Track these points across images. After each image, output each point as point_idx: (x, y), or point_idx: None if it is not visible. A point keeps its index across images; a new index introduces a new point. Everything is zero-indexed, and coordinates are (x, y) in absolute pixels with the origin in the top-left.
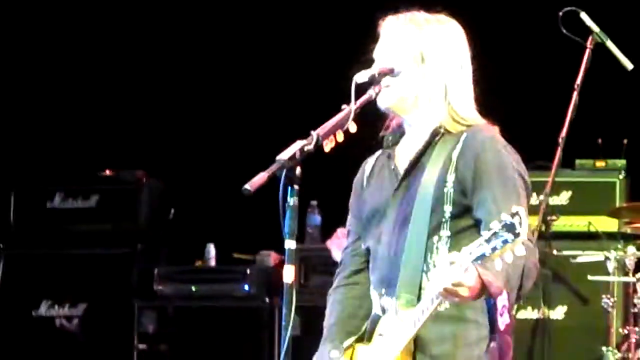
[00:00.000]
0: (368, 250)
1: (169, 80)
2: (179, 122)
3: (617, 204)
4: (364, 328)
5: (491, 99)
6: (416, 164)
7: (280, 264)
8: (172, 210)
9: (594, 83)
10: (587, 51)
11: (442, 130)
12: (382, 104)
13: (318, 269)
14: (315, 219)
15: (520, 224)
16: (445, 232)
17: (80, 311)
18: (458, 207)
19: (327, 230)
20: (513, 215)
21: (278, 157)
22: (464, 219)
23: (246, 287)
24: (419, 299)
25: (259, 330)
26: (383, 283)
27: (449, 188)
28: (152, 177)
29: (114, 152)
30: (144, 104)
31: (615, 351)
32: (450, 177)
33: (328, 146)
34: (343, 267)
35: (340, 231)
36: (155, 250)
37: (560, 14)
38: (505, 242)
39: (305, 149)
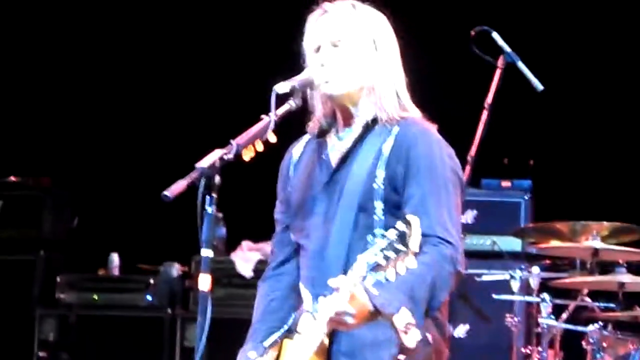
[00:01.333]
0: (296, 242)
1: (76, 86)
2: (86, 129)
3: (522, 224)
4: (291, 320)
5: None
6: (347, 157)
7: (184, 275)
8: (76, 219)
9: (502, 103)
10: (498, 71)
11: (376, 122)
12: (333, 91)
13: (222, 281)
14: (220, 230)
15: (410, 235)
16: (379, 231)
17: None
18: (390, 204)
19: (231, 243)
20: (407, 224)
21: (197, 165)
22: (398, 216)
23: (149, 297)
24: None
25: (160, 340)
26: (312, 281)
27: (379, 184)
28: (56, 185)
29: (18, 159)
30: (51, 111)
31: None
32: (380, 173)
33: (247, 155)
34: (272, 257)
35: (245, 244)
36: (58, 258)
37: (472, 33)
38: (397, 252)
39: (225, 157)
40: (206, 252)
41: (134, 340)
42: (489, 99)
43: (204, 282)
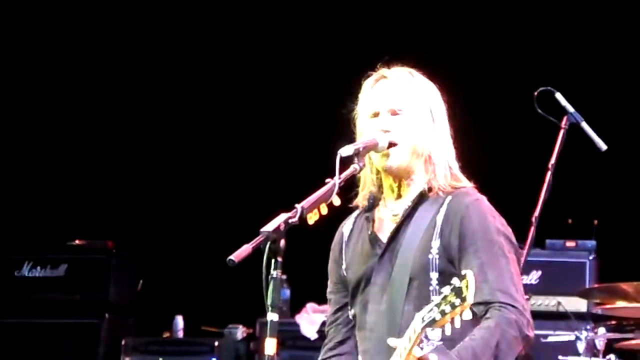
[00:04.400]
0: (354, 316)
1: (138, 153)
2: (150, 194)
3: (587, 285)
4: None
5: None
6: (400, 227)
7: (249, 337)
8: (141, 282)
9: (566, 163)
10: (562, 131)
11: (429, 192)
12: (395, 159)
13: (287, 343)
14: (284, 292)
15: (467, 287)
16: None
17: None
18: (445, 275)
19: (295, 305)
20: (461, 278)
21: (262, 229)
22: None
23: None
24: None
25: None
26: (368, 353)
27: (434, 255)
28: (121, 248)
29: (83, 222)
30: (116, 174)
31: None
32: (435, 244)
33: (312, 219)
34: (328, 339)
35: (310, 306)
36: (123, 321)
37: (535, 93)
38: (453, 306)
39: (290, 221)
40: (272, 316)
41: None
42: (553, 159)
43: (270, 346)
